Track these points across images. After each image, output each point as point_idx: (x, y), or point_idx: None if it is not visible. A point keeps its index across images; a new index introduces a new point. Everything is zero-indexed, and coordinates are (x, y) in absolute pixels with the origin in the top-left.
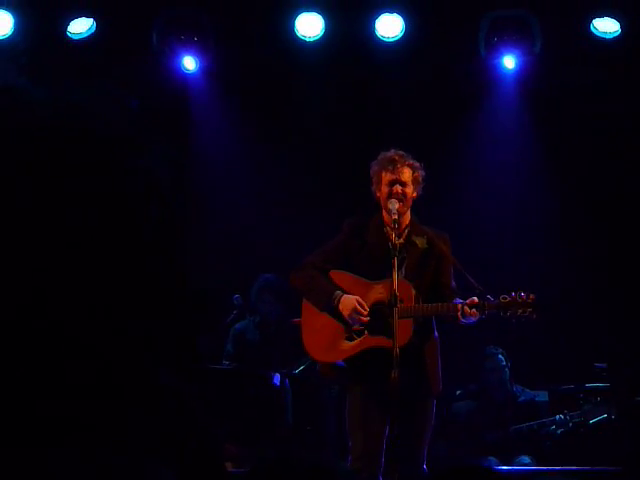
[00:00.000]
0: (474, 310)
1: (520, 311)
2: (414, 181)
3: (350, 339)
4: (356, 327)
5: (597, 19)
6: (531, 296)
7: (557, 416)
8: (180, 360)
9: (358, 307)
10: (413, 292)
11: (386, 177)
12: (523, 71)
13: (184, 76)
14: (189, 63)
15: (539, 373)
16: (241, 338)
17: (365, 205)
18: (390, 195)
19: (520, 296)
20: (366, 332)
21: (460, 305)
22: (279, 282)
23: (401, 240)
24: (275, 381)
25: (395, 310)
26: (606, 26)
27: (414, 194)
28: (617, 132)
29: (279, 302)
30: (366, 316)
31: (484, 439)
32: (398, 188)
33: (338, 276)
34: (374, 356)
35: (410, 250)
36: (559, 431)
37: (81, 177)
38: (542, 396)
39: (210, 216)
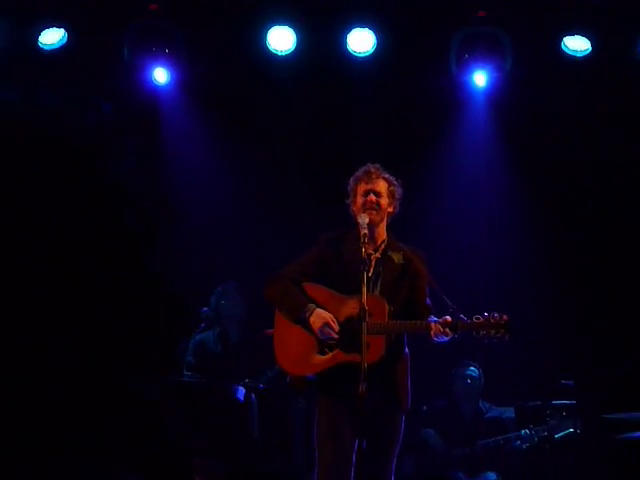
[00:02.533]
0: (447, 329)
1: (493, 332)
2: (390, 194)
3: (322, 353)
4: (328, 342)
5: (568, 37)
6: (504, 317)
7: (523, 431)
8: (157, 369)
9: (330, 322)
10: (387, 307)
11: (361, 188)
12: (494, 88)
13: (155, 88)
14: (160, 75)
15: (506, 389)
16: (201, 349)
17: (338, 220)
18: (364, 204)
19: (493, 317)
20: (338, 347)
21: (433, 324)
22: (242, 285)
23: (377, 254)
24: (239, 395)
25: (364, 325)
26: (577, 44)
27: (390, 208)
28: (587, 149)
29: (243, 300)
30: (337, 333)
31: (451, 455)
32: (372, 197)
33: (312, 289)
34: (345, 371)
35: (386, 265)
36: (525, 446)
37: (55, 182)
38: (509, 412)
39: (180, 227)
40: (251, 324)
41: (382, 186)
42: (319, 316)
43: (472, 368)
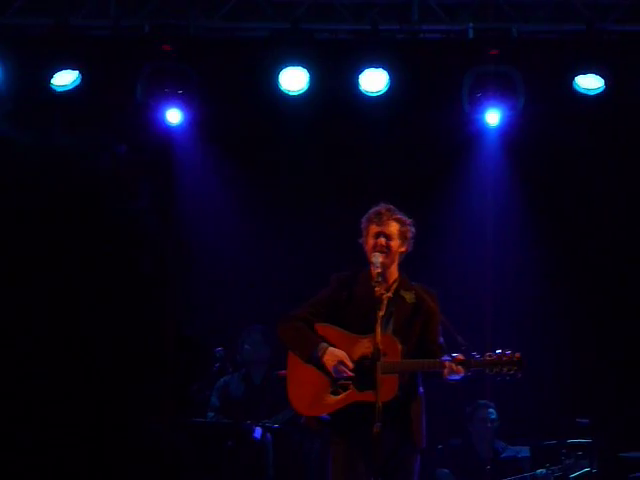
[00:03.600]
0: (459, 367)
1: (505, 369)
2: (401, 235)
3: (335, 393)
4: (341, 382)
5: (580, 76)
6: (517, 355)
7: (538, 470)
8: (172, 410)
9: (345, 360)
10: (399, 347)
11: (372, 229)
12: (506, 126)
13: (168, 129)
14: (173, 116)
15: (521, 428)
16: (226, 391)
17: (352, 259)
18: (374, 246)
19: (505, 354)
20: (351, 387)
21: (446, 362)
22: (266, 327)
23: (389, 294)
24: (256, 435)
25: (378, 364)
26: (589, 82)
27: (401, 249)
28: (601, 187)
29: (267, 343)
30: (351, 370)
31: None
32: (382, 240)
33: (324, 330)
34: (359, 411)
35: (398, 304)
36: None
37: (71, 226)
38: (524, 452)
39: (196, 269)
40: (276, 365)
41: (393, 228)
42: (332, 354)
43: (490, 410)
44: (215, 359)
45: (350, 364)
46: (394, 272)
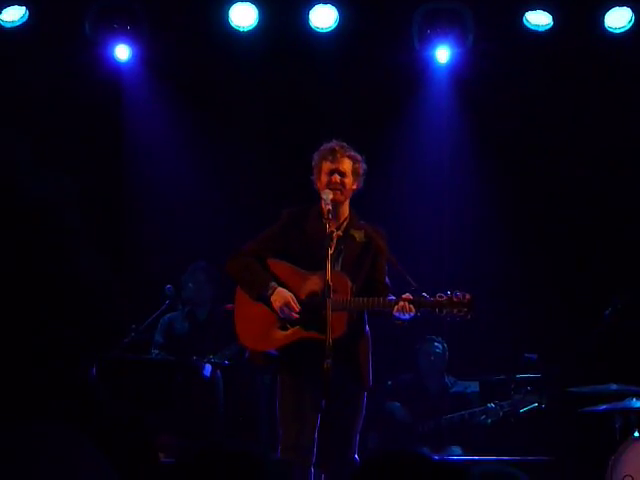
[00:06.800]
0: (410, 306)
1: (455, 310)
2: (354, 172)
3: (284, 328)
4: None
5: (530, 12)
6: (467, 296)
7: (488, 405)
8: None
9: (291, 302)
10: (349, 284)
11: (326, 166)
12: (456, 63)
13: (117, 65)
14: (122, 52)
15: (471, 363)
16: (170, 328)
17: (304, 196)
18: (328, 184)
19: (456, 295)
20: (300, 324)
21: (395, 301)
22: (210, 266)
23: (339, 232)
24: (206, 372)
25: (328, 301)
26: (539, 19)
27: (354, 186)
28: (550, 123)
29: (211, 282)
30: (297, 313)
31: (416, 430)
32: (337, 177)
33: (275, 265)
34: (307, 347)
35: (348, 243)
36: (489, 420)
37: None
38: (473, 387)
39: (146, 207)
40: (220, 301)
41: (347, 165)
42: (280, 295)
43: (436, 344)
44: (165, 296)
45: (296, 306)
46: (345, 210)
